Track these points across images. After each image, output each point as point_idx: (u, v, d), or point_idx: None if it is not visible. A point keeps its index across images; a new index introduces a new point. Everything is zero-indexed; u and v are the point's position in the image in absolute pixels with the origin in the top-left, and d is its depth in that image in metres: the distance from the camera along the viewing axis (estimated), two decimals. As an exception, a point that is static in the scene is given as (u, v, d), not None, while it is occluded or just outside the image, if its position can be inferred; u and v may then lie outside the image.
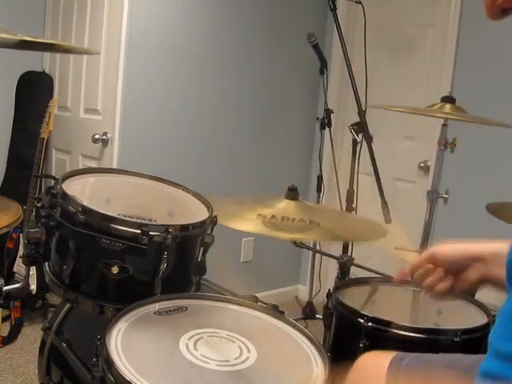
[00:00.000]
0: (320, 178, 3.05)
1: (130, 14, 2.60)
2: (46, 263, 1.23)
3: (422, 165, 3.02)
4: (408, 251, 2.19)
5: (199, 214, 1.29)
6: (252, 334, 1.05)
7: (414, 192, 2.98)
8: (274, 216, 1.42)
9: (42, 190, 2.79)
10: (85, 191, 1.32)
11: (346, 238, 1.85)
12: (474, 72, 2.75)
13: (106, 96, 2.76)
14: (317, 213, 1.56)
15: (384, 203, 1.95)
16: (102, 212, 1.13)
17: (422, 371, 0.94)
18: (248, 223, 1.40)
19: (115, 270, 1.12)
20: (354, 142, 2.22)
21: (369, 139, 2.05)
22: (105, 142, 2.75)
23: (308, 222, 1.41)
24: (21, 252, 2.62)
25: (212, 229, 1.27)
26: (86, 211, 1.12)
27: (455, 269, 0.97)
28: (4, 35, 0.98)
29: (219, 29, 2.95)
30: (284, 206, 1.53)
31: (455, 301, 1.49)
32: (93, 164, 2.86)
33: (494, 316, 1.33)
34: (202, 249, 1.26)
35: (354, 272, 1.84)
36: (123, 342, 0.95)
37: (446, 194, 1.98)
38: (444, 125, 1.97)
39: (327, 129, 2.94)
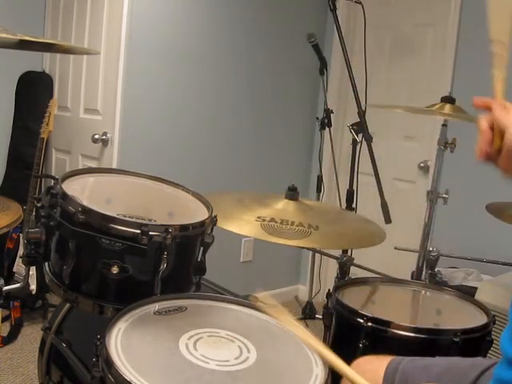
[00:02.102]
0: (320, 178, 3.05)
1: (130, 13, 2.60)
2: (46, 263, 1.23)
3: (421, 165, 3.02)
4: (408, 251, 2.20)
5: (199, 213, 1.29)
6: (252, 333, 1.05)
7: (414, 192, 2.98)
8: (272, 219, 1.42)
9: (42, 190, 2.79)
10: (85, 191, 1.32)
11: (344, 244, 1.81)
12: (473, 72, 2.75)
13: (106, 96, 2.77)
14: (316, 214, 1.56)
15: (384, 203, 1.95)
16: (102, 212, 1.12)
17: (420, 376, 0.94)
18: (247, 226, 1.40)
19: (115, 270, 1.12)
20: (354, 142, 2.22)
21: (369, 139, 2.05)
22: (105, 142, 2.75)
23: (307, 227, 1.41)
24: (21, 252, 2.63)
25: (212, 229, 1.26)
26: (86, 211, 1.12)
27: None
28: (4, 35, 0.98)
29: (219, 28, 2.95)
30: (283, 207, 1.53)
31: (455, 301, 1.50)
32: (93, 164, 2.86)
33: (493, 316, 1.33)
34: (201, 249, 1.25)
35: (354, 272, 1.84)
36: (123, 341, 0.95)
37: (446, 194, 1.98)
38: (444, 125, 1.97)
39: (327, 129, 2.94)
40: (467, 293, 1.58)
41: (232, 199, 1.58)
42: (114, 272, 1.12)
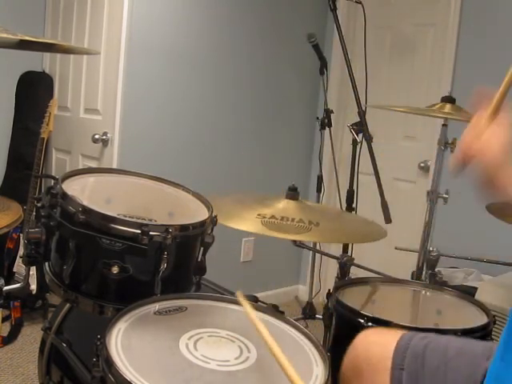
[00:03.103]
0: (320, 178, 3.05)
1: (130, 13, 2.60)
2: (46, 263, 1.23)
3: (422, 165, 3.02)
4: (408, 251, 2.20)
5: (199, 213, 1.29)
6: (252, 333, 1.05)
7: (414, 192, 2.98)
8: (273, 216, 1.42)
9: (42, 190, 2.79)
10: (85, 191, 1.32)
11: (344, 239, 1.84)
12: (473, 72, 2.75)
13: (106, 96, 2.77)
14: (316, 213, 1.57)
15: (384, 203, 1.95)
16: (102, 212, 1.12)
17: (431, 357, 0.92)
18: (247, 223, 1.40)
19: (115, 270, 1.12)
20: (354, 142, 2.22)
21: (369, 139, 2.05)
22: (105, 142, 2.75)
23: (307, 223, 1.41)
24: (21, 252, 2.62)
25: (212, 229, 1.27)
26: (86, 211, 1.12)
27: None
28: (4, 35, 0.98)
29: (220, 29, 2.95)
30: (284, 206, 1.53)
31: (455, 301, 1.50)
32: (93, 164, 2.85)
33: (494, 316, 1.33)
34: (201, 249, 1.25)
35: (354, 272, 1.84)
36: (123, 341, 0.95)
37: (446, 194, 1.98)
38: (444, 125, 1.98)
39: (327, 129, 2.94)
40: (467, 293, 1.58)
41: (233, 200, 1.58)
42: (115, 272, 1.12)
